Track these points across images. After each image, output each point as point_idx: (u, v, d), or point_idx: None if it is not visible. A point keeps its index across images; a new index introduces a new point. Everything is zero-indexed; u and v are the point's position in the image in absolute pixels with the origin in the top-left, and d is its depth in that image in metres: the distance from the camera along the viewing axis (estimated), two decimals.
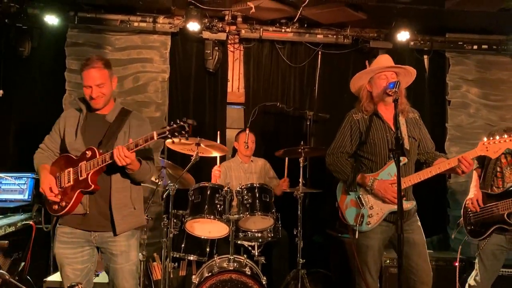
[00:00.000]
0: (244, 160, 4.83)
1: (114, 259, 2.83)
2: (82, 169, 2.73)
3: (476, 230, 3.40)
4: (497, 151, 2.93)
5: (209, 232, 3.94)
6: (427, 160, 3.20)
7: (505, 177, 3.35)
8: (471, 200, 3.43)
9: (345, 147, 3.18)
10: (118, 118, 2.89)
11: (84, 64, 2.80)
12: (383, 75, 3.11)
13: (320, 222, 5.26)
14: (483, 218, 3.35)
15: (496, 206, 3.30)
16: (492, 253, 3.38)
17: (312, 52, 5.51)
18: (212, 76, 5.41)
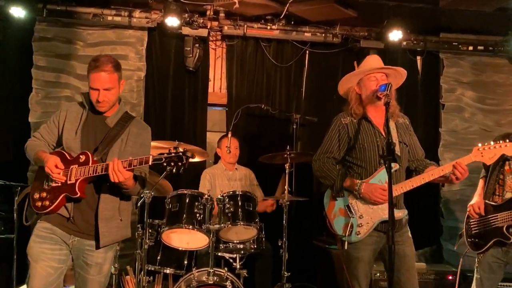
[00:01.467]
0: (228, 168, 4.83)
1: (87, 268, 2.84)
2: (72, 173, 2.74)
3: (476, 242, 3.46)
4: (492, 157, 2.98)
5: (187, 243, 3.92)
6: (417, 168, 3.24)
7: (506, 185, 3.41)
8: (472, 206, 3.48)
9: (332, 153, 3.20)
10: (119, 124, 2.92)
11: (93, 66, 2.81)
12: (372, 76, 3.14)
13: (306, 232, 5.26)
14: (484, 230, 3.41)
15: (496, 217, 3.35)
16: (488, 266, 3.42)
17: (299, 51, 5.53)
18: (192, 75, 5.39)
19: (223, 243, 4.02)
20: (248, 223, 3.93)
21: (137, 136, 2.95)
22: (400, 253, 3.04)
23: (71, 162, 2.78)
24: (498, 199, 3.42)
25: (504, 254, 3.37)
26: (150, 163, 2.64)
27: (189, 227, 3.81)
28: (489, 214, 3.40)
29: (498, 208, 3.37)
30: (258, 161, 4.59)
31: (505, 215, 3.30)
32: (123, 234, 2.94)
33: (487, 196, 3.48)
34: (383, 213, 3.03)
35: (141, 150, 2.90)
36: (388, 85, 2.95)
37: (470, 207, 3.49)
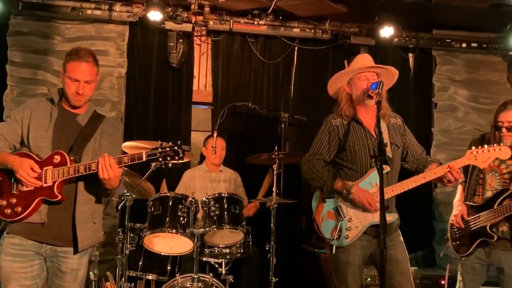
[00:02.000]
0: (212, 169, 4.81)
1: (62, 276, 2.79)
2: (47, 175, 2.69)
3: (461, 245, 3.49)
4: (486, 160, 3.01)
5: (170, 248, 3.90)
6: (419, 167, 3.24)
7: (486, 184, 3.44)
8: (455, 217, 3.53)
9: (322, 155, 3.19)
10: (90, 122, 2.87)
11: (74, 55, 2.77)
12: (363, 76, 3.14)
13: (295, 236, 5.26)
14: (468, 232, 3.45)
15: (478, 218, 3.39)
16: (471, 267, 3.46)
17: (287, 47, 5.52)
18: (176, 72, 5.36)
19: (208, 247, 4.00)
20: (235, 226, 3.92)
21: (111, 135, 2.93)
22: (392, 258, 3.04)
23: (43, 164, 2.71)
24: (478, 199, 3.46)
25: (486, 255, 3.41)
26: (144, 159, 2.60)
27: (172, 231, 3.79)
28: (471, 215, 3.44)
29: (480, 208, 3.41)
30: (244, 162, 4.57)
31: (487, 214, 3.34)
32: (97, 237, 2.91)
33: (468, 198, 3.53)
34: (373, 216, 3.03)
35: (115, 150, 2.87)
36: (380, 83, 2.95)
37: (454, 217, 3.53)
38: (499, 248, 3.35)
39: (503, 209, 3.28)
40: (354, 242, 3.07)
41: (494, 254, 3.37)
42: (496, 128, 3.37)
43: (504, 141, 3.30)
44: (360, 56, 3.37)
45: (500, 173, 3.39)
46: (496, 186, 3.40)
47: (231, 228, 3.91)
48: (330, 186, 3.10)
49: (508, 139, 3.30)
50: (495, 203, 3.33)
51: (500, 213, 3.28)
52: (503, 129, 3.32)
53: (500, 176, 3.40)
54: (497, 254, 3.36)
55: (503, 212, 3.27)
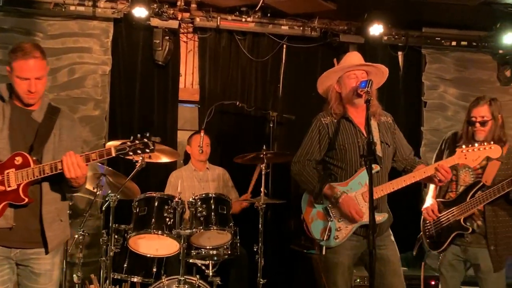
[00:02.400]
0: (199, 168, 4.79)
1: (36, 278, 2.76)
2: (10, 178, 2.63)
3: (436, 241, 3.55)
4: (476, 159, 3.06)
5: (156, 249, 3.90)
6: (406, 167, 3.27)
7: (459, 180, 3.48)
8: (426, 210, 3.56)
9: (312, 154, 3.21)
10: (47, 117, 2.80)
11: (20, 52, 2.66)
12: (352, 74, 3.16)
13: (284, 237, 5.26)
14: (441, 227, 3.50)
15: (452, 212, 3.44)
16: (449, 264, 3.52)
17: (276, 45, 5.53)
18: (162, 70, 5.34)
19: (195, 249, 3.99)
20: (222, 227, 3.92)
21: (71, 129, 2.85)
22: (383, 258, 3.07)
23: (4, 167, 2.65)
24: (452, 195, 3.51)
25: (463, 252, 3.47)
26: (113, 154, 2.57)
27: (158, 232, 3.79)
28: (444, 211, 3.49)
29: (452, 203, 3.47)
30: (232, 162, 4.57)
31: (460, 208, 3.40)
32: (66, 235, 2.90)
33: (441, 195, 3.57)
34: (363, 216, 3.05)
35: (75, 144, 2.83)
36: (369, 82, 2.97)
37: (424, 210, 3.58)
38: (475, 245, 3.41)
39: (475, 201, 3.34)
40: (344, 242, 3.08)
41: (469, 251, 3.43)
42: (469, 124, 3.43)
43: (477, 136, 3.37)
44: (350, 54, 3.40)
45: (473, 168, 3.42)
46: (470, 181, 3.45)
47: (218, 229, 3.90)
48: (319, 192, 3.12)
49: (481, 134, 3.36)
50: (467, 196, 3.38)
51: (473, 205, 3.34)
52: (476, 124, 3.37)
53: (473, 172, 3.44)
54: (472, 250, 3.42)
55: (475, 203, 3.34)
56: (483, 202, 3.32)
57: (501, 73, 5.84)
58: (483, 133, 3.37)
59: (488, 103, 3.38)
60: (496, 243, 3.34)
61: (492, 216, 3.36)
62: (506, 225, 3.38)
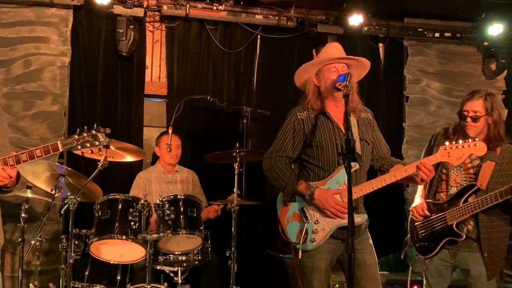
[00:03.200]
0: (168, 169, 4.78)
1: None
2: None
3: (425, 246, 3.55)
4: (460, 157, 3.06)
5: (120, 256, 3.87)
6: (382, 166, 3.29)
7: (450, 180, 3.50)
8: (415, 209, 3.57)
9: (285, 151, 3.21)
10: None
11: None
12: (332, 67, 3.16)
13: (258, 240, 5.28)
14: (432, 231, 3.50)
15: (443, 216, 3.45)
16: (436, 269, 3.53)
17: (249, 35, 5.53)
18: (126, 62, 5.31)
19: (163, 254, 3.97)
20: (192, 231, 3.91)
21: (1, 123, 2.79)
22: (360, 262, 3.08)
23: None
24: (442, 195, 3.52)
25: (452, 256, 3.49)
26: (60, 149, 2.52)
27: (122, 237, 3.76)
28: (435, 213, 3.50)
29: (444, 206, 3.47)
30: (203, 161, 4.55)
31: (452, 212, 3.40)
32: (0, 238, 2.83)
33: (431, 195, 3.58)
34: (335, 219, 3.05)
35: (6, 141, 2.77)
36: (347, 75, 2.98)
37: (413, 209, 3.58)
38: (465, 249, 3.42)
39: (469, 207, 3.34)
40: (321, 245, 3.09)
41: (459, 255, 3.45)
42: (461, 118, 3.44)
43: (468, 131, 3.37)
44: (330, 45, 3.40)
45: (465, 167, 3.44)
46: (461, 182, 3.46)
47: (187, 233, 3.89)
48: (291, 189, 3.12)
49: (472, 130, 3.36)
50: (460, 200, 3.39)
51: (467, 211, 3.34)
52: (467, 119, 3.38)
53: (465, 171, 3.46)
54: (462, 255, 3.44)
55: (469, 210, 3.33)
56: (478, 209, 3.31)
57: (486, 66, 5.94)
58: (474, 129, 3.36)
59: (483, 98, 3.37)
60: (490, 250, 3.35)
61: (486, 221, 3.36)
62: (500, 230, 3.40)
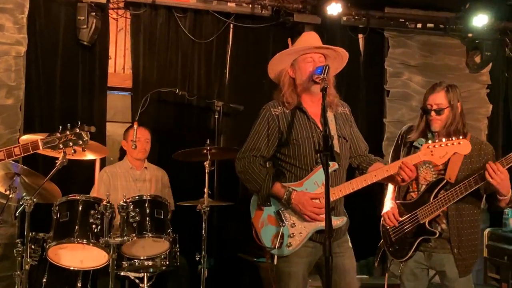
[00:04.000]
0: (136, 166, 4.76)
1: None
2: None
3: (399, 249, 3.57)
4: (444, 156, 3.08)
5: (81, 261, 3.86)
6: (361, 164, 3.31)
7: (420, 178, 3.52)
8: (386, 214, 3.60)
9: (259, 150, 3.19)
10: None
11: None
12: (308, 57, 3.15)
13: (230, 244, 5.28)
14: (405, 233, 3.52)
15: (415, 215, 3.47)
16: (412, 272, 3.56)
17: (222, 24, 5.53)
18: (88, 52, 5.27)
19: (127, 260, 3.96)
20: (159, 234, 3.91)
21: None
22: (339, 267, 3.09)
23: None
24: (413, 195, 3.55)
25: (427, 258, 3.52)
26: (41, 148, 2.50)
27: (83, 241, 3.75)
28: (406, 214, 3.52)
29: (414, 205, 3.49)
30: (171, 159, 4.53)
31: (423, 210, 3.43)
32: None
33: (401, 196, 3.61)
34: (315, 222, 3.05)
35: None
36: (325, 67, 2.97)
37: (385, 215, 3.61)
38: (440, 251, 3.46)
39: (440, 202, 3.37)
40: (298, 249, 3.09)
41: (434, 257, 3.48)
42: (425, 112, 3.47)
43: (433, 125, 3.40)
44: (306, 34, 3.39)
45: (433, 163, 3.44)
46: (431, 178, 3.48)
47: (154, 236, 3.89)
48: (266, 193, 3.11)
49: (437, 124, 3.40)
50: (430, 196, 3.41)
51: (438, 206, 3.37)
52: (432, 113, 3.41)
53: (434, 168, 3.48)
54: (437, 257, 3.47)
55: (440, 204, 3.37)
56: (449, 202, 3.35)
57: (470, 59, 6.03)
58: (439, 122, 3.40)
59: (445, 90, 3.42)
60: (460, 246, 3.39)
61: (456, 216, 3.41)
62: (470, 226, 3.44)
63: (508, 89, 6.19)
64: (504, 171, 3.17)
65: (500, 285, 5.23)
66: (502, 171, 3.15)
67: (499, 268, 5.32)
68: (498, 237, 5.39)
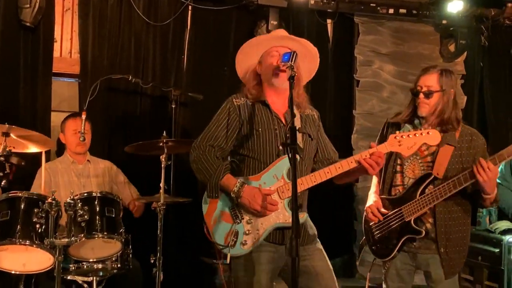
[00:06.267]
0: (78, 160, 4.71)
1: None
2: None
3: (383, 248, 3.62)
4: (412, 147, 3.12)
5: (23, 264, 3.79)
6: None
7: (407, 171, 3.56)
8: (369, 208, 3.63)
9: (217, 139, 3.21)
10: None
11: None
12: (274, 51, 3.21)
13: (189, 244, 5.30)
14: (389, 231, 3.57)
15: (400, 212, 3.51)
16: (397, 274, 3.61)
17: (179, 6, 5.51)
18: (30, 34, 5.18)
19: (75, 262, 3.92)
20: (110, 234, 3.88)
21: None
22: (309, 271, 3.15)
23: None
24: (399, 189, 3.58)
25: (412, 258, 3.57)
26: None
27: (25, 242, 3.68)
28: (390, 210, 3.55)
29: (400, 201, 3.53)
30: (123, 152, 4.50)
31: (409, 207, 3.47)
32: None
33: (385, 190, 3.64)
34: (278, 216, 3.08)
35: None
36: (293, 54, 2.99)
37: (368, 209, 3.64)
38: (423, 251, 3.51)
39: (426, 199, 3.40)
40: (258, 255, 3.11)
41: (419, 257, 3.54)
42: (414, 95, 3.51)
43: (420, 110, 3.44)
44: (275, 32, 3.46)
45: (422, 155, 3.50)
46: (419, 172, 3.51)
47: (105, 236, 3.86)
48: (214, 183, 3.12)
49: (425, 108, 3.43)
50: (416, 192, 3.45)
51: (424, 203, 3.41)
52: (420, 95, 3.45)
53: (422, 160, 3.51)
54: (423, 257, 3.52)
55: (427, 202, 3.40)
56: (437, 200, 3.38)
57: (444, 48, 6.14)
58: (427, 107, 3.42)
59: (439, 72, 3.45)
60: (447, 245, 3.43)
61: (444, 213, 3.44)
62: (458, 224, 3.48)
63: (483, 80, 6.31)
64: (495, 170, 3.23)
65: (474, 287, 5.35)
66: (492, 170, 3.20)
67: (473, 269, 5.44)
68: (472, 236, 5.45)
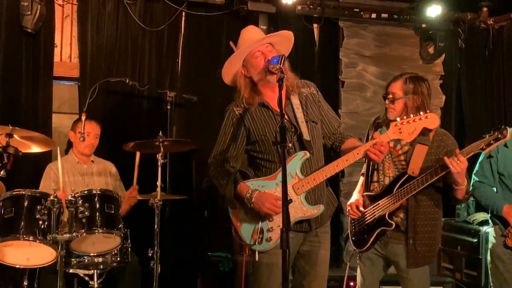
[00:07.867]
0: (83, 160, 4.70)
1: None
2: None
3: (361, 239, 3.68)
4: (413, 132, 3.09)
5: (27, 259, 3.78)
6: (334, 144, 3.36)
7: (383, 169, 3.60)
8: (350, 206, 3.71)
9: (228, 151, 3.25)
10: None
11: None
12: (257, 51, 3.19)
13: (185, 238, 5.29)
14: (367, 224, 3.63)
15: (377, 207, 3.57)
16: (368, 257, 3.68)
17: (173, 12, 5.49)
18: (32, 39, 5.15)
19: (76, 257, 3.92)
20: (109, 230, 3.88)
21: None
22: (312, 257, 3.26)
23: None
24: (377, 185, 3.63)
25: (383, 247, 3.62)
26: None
27: (29, 238, 3.68)
28: (371, 205, 3.61)
29: (378, 197, 3.59)
30: (121, 151, 4.47)
31: (385, 202, 3.52)
32: None
33: (367, 187, 3.70)
34: (296, 212, 3.11)
35: None
36: (282, 57, 3.00)
37: (348, 206, 3.72)
38: (394, 241, 3.55)
39: (399, 194, 3.44)
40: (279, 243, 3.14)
41: (390, 246, 3.58)
42: (384, 99, 3.57)
43: (388, 113, 3.49)
44: (245, 31, 3.38)
45: (396, 155, 3.53)
46: (393, 169, 3.55)
47: (104, 232, 3.85)
48: (230, 197, 3.15)
49: (392, 113, 3.46)
50: (393, 188, 3.49)
51: (397, 198, 3.45)
52: (386, 101, 3.51)
53: (396, 159, 3.55)
54: (392, 247, 3.57)
55: (400, 197, 3.44)
56: (408, 194, 3.42)
57: (424, 50, 6.18)
58: (393, 111, 3.46)
59: (403, 80, 3.49)
60: (415, 237, 3.47)
61: (414, 206, 3.48)
62: (428, 218, 3.51)
63: (460, 80, 6.37)
64: (465, 162, 3.25)
65: (454, 275, 5.40)
66: (462, 162, 3.22)
67: (452, 258, 5.49)
68: (451, 227, 5.56)
